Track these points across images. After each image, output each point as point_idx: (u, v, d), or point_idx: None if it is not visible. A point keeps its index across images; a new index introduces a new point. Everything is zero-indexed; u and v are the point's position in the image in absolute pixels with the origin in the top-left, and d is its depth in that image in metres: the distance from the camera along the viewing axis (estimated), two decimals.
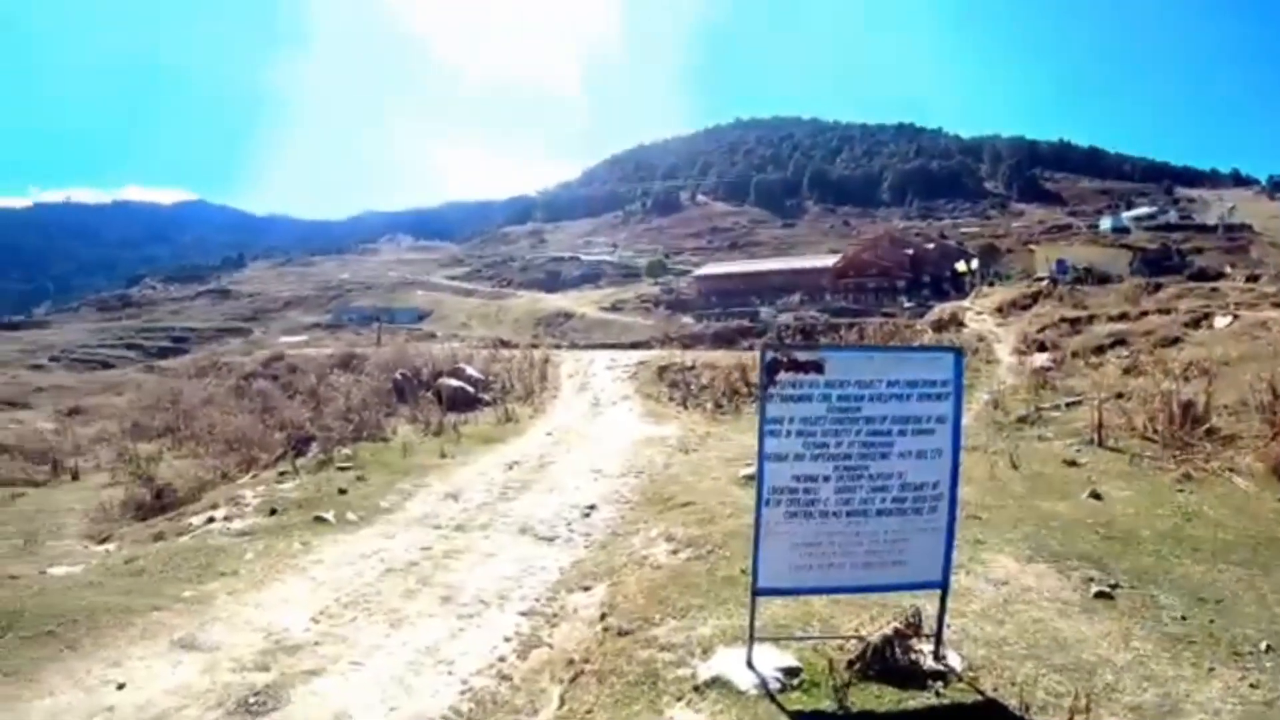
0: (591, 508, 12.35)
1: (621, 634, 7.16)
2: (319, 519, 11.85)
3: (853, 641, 6.20)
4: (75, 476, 19.26)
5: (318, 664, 7.16)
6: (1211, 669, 6.44)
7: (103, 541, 12.93)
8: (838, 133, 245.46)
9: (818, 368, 5.54)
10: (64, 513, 15.88)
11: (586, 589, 8.87)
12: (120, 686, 6.72)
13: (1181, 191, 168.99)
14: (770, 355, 5.61)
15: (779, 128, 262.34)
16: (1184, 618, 7.41)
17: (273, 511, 12.44)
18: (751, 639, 6.06)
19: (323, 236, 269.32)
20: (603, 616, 7.80)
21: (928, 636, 6.15)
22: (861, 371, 5.62)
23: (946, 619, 6.26)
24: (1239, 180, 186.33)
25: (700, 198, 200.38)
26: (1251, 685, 6.20)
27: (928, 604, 6.28)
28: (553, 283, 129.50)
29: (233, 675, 6.93)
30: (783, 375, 5.53)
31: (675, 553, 9.48)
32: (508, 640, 7.64)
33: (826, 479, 5.66)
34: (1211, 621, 7.35)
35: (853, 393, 5.61)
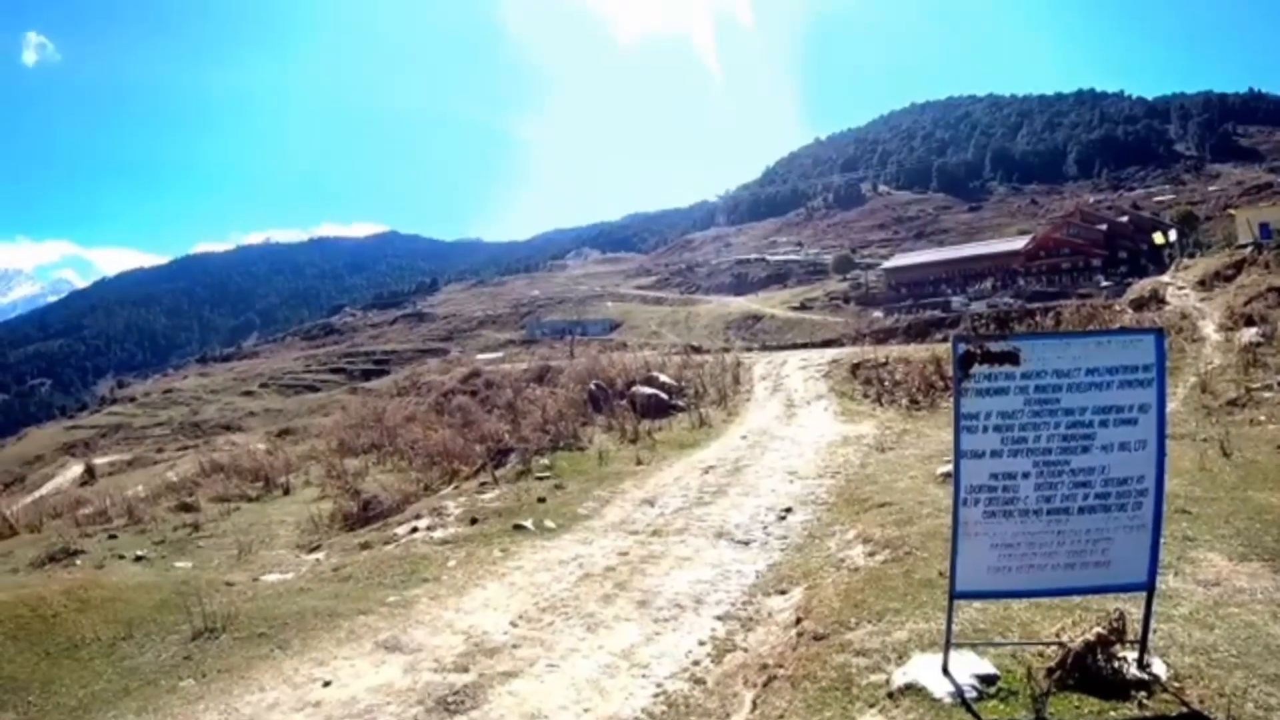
0: (787, 510, 12.35)
1: (816, 638, 7.13)
2: (518, 527, 12.26)
3: (1053, 648, 5.99)
4: (286, 492, 20.15)
5: (515, 666, 7.41)
6: None
7: (312, 551, 13.50)
8: (1015, 107, 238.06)
9: (1013, 358, 5.39)
10: (276, 525, 16.59)
11: (782, 593, 8.91)
12: (326, 684, 7.15)
13: None
14: (962, 348, 5.48)
15: (955, 108, 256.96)
16: None
17: (473, 520, 12.96)
18: (948, 644, 5.94)
19: (511, 257, 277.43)
20: (798, 621, 7.80)
21: (1132, 643, 5.90)
22: (1058, 360, 5.43)
23: (1152, 623, 6.02)
24: None
25: (881, 188, 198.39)
26: None
27: (1132, 607, 6.00)
28: (740, 285, 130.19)
29: (433, 675, 7.26)
30: (977, 368, 5.40)
31: (872, 555, 9.41)
32: (702, 644, 7.74)
33: (1026, 475, 5.48)
34: None
35: (1050, 383, 5.42)
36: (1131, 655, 5.84)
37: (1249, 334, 22.51)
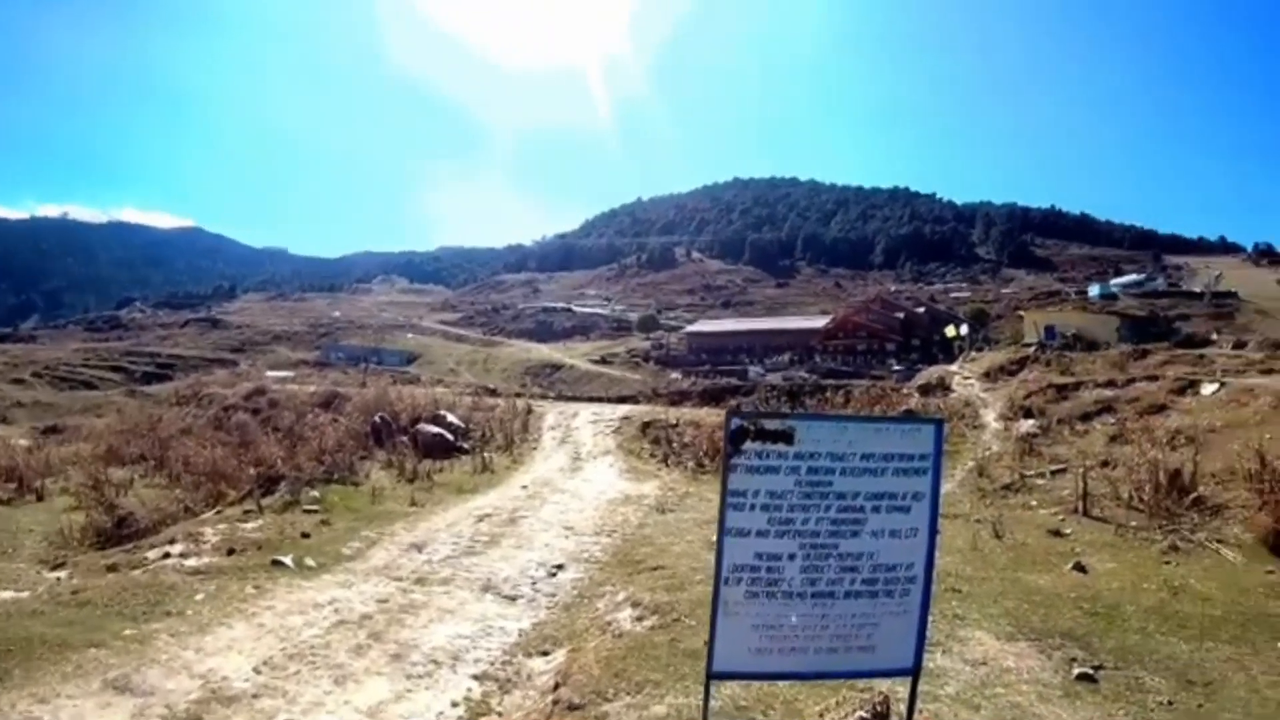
0: (560, 567, 12.00)
1: (572, 708, 6.77)
2: (276, 562, 11.46)
3: None
4: (40, 497, 18.75)
5: (252, 718, 6.85)
6: None
7: (55, 568, 12.50)
8: (834, 195, 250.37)
9: (787, 438, 5.12)
10: (23, 534, 15.51)
11: (545, 654, 8.52)
12: None
13: (1169, 259, 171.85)
14: (736, 422, 5.19)
15: (776, 187, 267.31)
16: (1170, 702, 7.13)
17: (230, 551, 12.08)
18: None
19: (316, 273, 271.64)
20: (556, 687, 7.40)
21: None
22: (834, 443, 5.21)
23: (919, 704, 5.84)
24: (1226, 248, 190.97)
25: (695, 254, 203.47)
26: None
27: (900, 687, 5.87)
28: (544, 333, 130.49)
29: None
30: (749, 444, 5.10)
31: (640, 619, 9.09)
32: (455, 706, 7.30)
33: (792, 557, 5.22)
34: (1200, 706, 7.10)
35: (824, 465, 5.18)
36: None
37: (1027, 425, 23.82)
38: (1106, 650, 8.30)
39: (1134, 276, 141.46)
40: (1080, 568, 11.73)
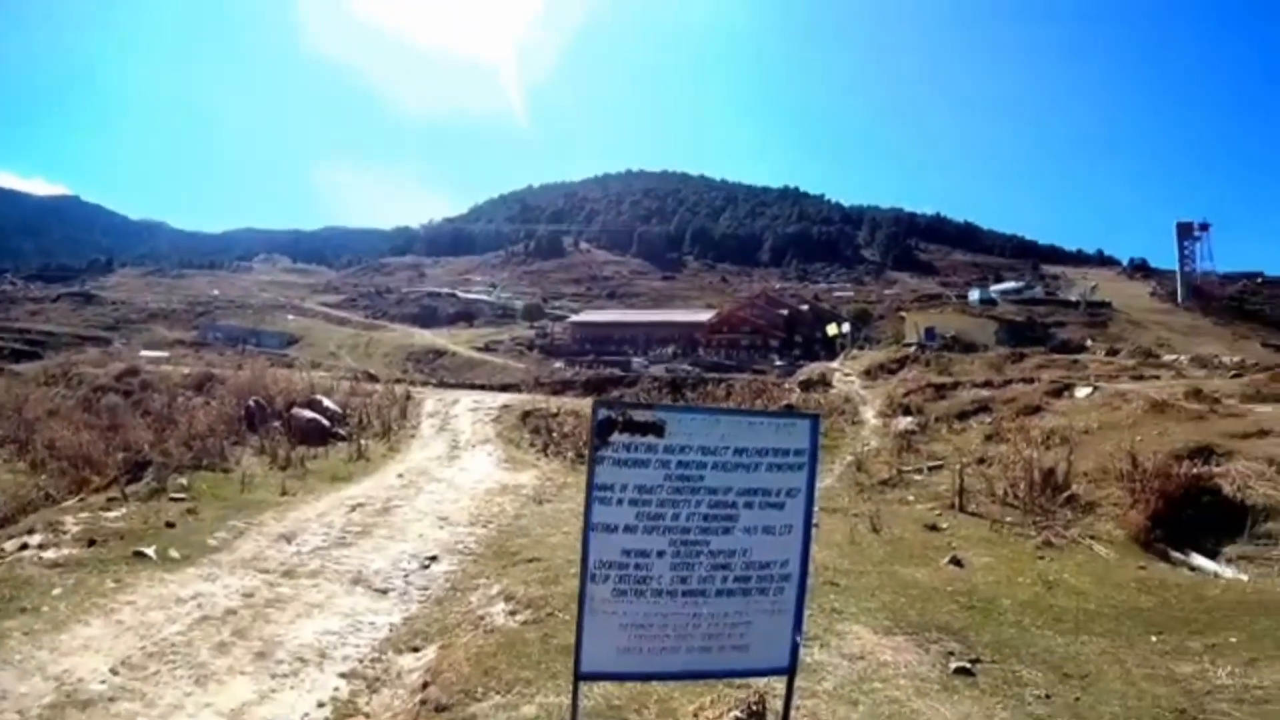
0: (432, 559, 11.67)
1: (440, 709, 6.54)
2: (139, 554, 10.86)
3: None
4: None
5: None
6: None
7: None
8: (724, 191, 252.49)
9: (657, 430, 4.92)
10: None
11: (415, 650, 8.23)
12: None
13: (1048, 269, 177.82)
14: (603, 413, 4.97)
15: (668, 180, 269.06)
16: (1048, 696, 7.19)
17: (91, 542, 11.43)
18: None
19: (196, 249, 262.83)
20: (425, 686, 7.16)
21: None
22: (706, 436, 5.04)
23: (796, 701, 5.73)
24: (1102, 261, 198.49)
25: (584, 244, 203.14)
26: None
27: (777, 684, 5.74)
28: (428, 318, 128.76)
29: None
30: (616, 436, 4.89)
31: (513, 614, 8.88)
32: (321, 706, 6.98)
33: (661, 554, 5.04)
34: (1076, 699, 7.16)
35: (695, 459, 5.00)
36: None
37: (905, 422, 24.37)
38: (983, 644, 8.37)
39: (1013, 284, 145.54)
40: (957, 562, 11.85)
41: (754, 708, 5.71)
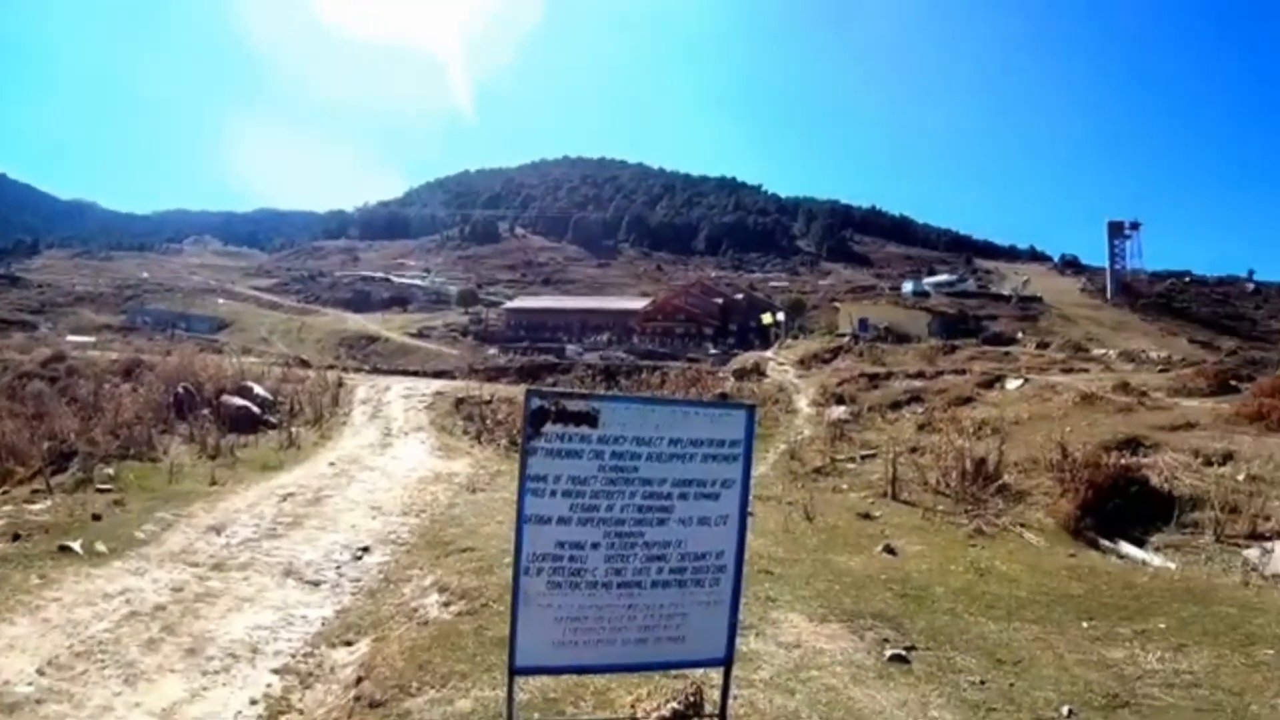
0: (365, 549, 11.51)
1: (373, 705, 6.41)
2: (65, 548, 10.59)
3: None
4: None
5: None
6: None
7: None
8: (661, 180, 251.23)
9: (590, 420, 4.89)
10: None
11: (349, 644, 8.09)
12: None
13: (981, 263, 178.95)
14: (536, 402, 4.93)
15: (605, 168, 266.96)
16: (983, 682, 7.26)
17: (15, 537, 11.13)
18: None
19: (126, 230, 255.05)
20: (359, 681, 7.01)
21: (711, 716, 5.65)
22: (640, 426, 5.01)
23: (733, 691, 5.74)
24: (1034, 256, 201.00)
25: (519, 230, 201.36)
26: None
27: (715, 674, 5.78)
28: (361, 303, 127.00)
29: None
30: (549, 426, 4.85)
31: (447, 605, 8.76)
32: (254, 703, 6.83)
33: (595, 546, 5.01)
34: (1011, 685, 7.24)
35: (629, 450, 4.98)
36: None
37: (839, 411, 24.66)
38: (918, 631, 8.44)
39: (946, 276, 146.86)
40: (890, 550, 12.00)
41: (691, 699, 5.68)
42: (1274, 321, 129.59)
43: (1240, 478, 15.25)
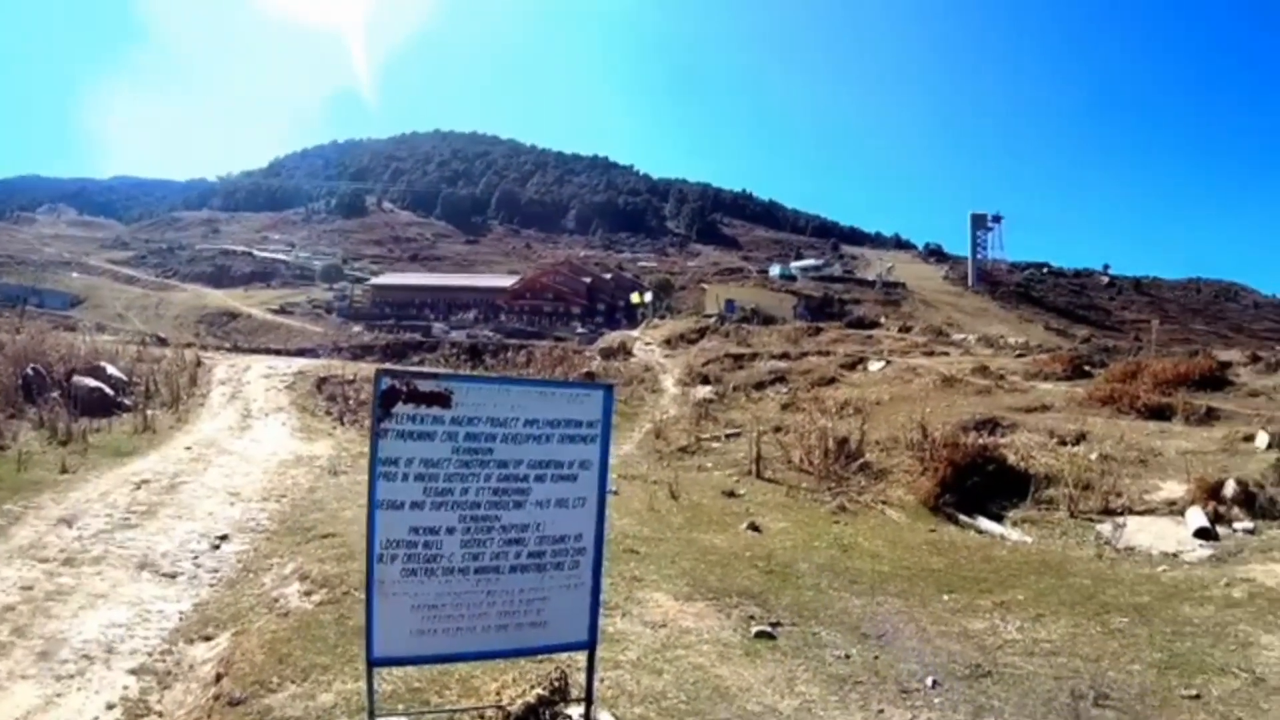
0: (223, 538, 11.14)
1: (233, 703, 6.20)
2: None
3: (491, 711, 5.60)
4: None
5: None
6: (881, 710, 6.42)
7: None
8: (533, 157, 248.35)
9: (443, 400, 4.80)
10: None
11: (208, 639, 7.81)
12: None
13: (847, 249, 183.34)
14: (386, 382, 4.81)
15: (477, 142, 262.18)
16: (848, 656, 7.42)
17: None
18: (372, 715, 5.21)
19: None
20: (218, 678, 6.80)
21: (578, 700, 5.61)
22: (495, 407, 4.94)
23: (599, 673, 5.82)
24: (900, 244, 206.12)
25: (387, 204, 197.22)
26: None
27: (581, 657, 5.67)
28: (222, 277, 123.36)
29: None
30: (400, 407, 4.75)
31: (308, 594, 8.57)
32: (111, 708, 6.56)
33: (451, 531, 4.91)
34: (876, 658, 7.42)
35: (483, 431, 4.91)
36: (578, 712, 5.60)
37: (704, 391, 25.00)
38: (783, 607, 8.58)
39: (813, 261, 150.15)
40: (755, 527, 12.20)
41: (556, 683, 5.64)
42: (1126, 312, 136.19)
43: (1093, 457, 16.00)
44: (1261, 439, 16.46)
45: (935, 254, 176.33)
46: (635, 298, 70.39)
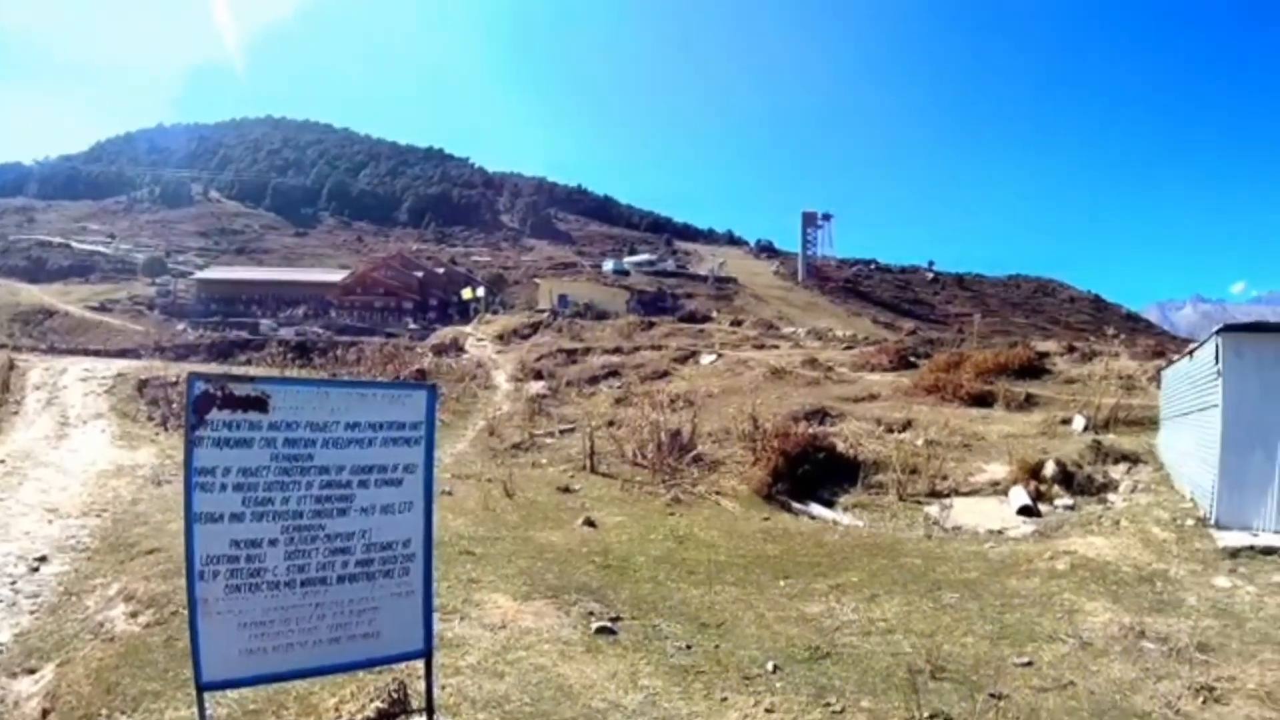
0: (42, 559, 10.46)
1: None
2: None
3: None
4: None
5: None
6: (725, 698, 6.47)
7: None
8: (367, 147, 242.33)
9: (260, 405, 4.64)
10: None
11: (31, 672, 7.30)
12: None
13: (680, 245, 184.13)
14: (200, 387, 4.61)
15: (309, 131, 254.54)
16: (689, 646, 7.49)
17: None
18: None
19: None
20: (45, 714, 6.40)
21: (419, 710, 5.54)
22: (315, 411, 4.81)
23: (440, 680, 5.76)
24: (732, 240, 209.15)
25: (213, 194, 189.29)
26: (767, 710, 6.26)
27: (420, 665, 5.52)
28: (37, 271, 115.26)
29: None
30: (215, 413, 4.56)
31: (134, 616, 8.15)
32: None
33: (274, 543, 4.73)
34: (716, 647, 7.51)
35: (303, 436, 4.77)
36: None
37: (537, 386, 25.05)
38: (622, 602, 8.65)
39: (647, 256, 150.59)
40: (591, 523, 12.29)
41: (395, 695, 5.58)
42: (950, 306, 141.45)
43: (919, 443, 16.68)
44: (1078, 422, 17.46)
45: (767, 250, 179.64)
46: (468, 293, 69.65)
